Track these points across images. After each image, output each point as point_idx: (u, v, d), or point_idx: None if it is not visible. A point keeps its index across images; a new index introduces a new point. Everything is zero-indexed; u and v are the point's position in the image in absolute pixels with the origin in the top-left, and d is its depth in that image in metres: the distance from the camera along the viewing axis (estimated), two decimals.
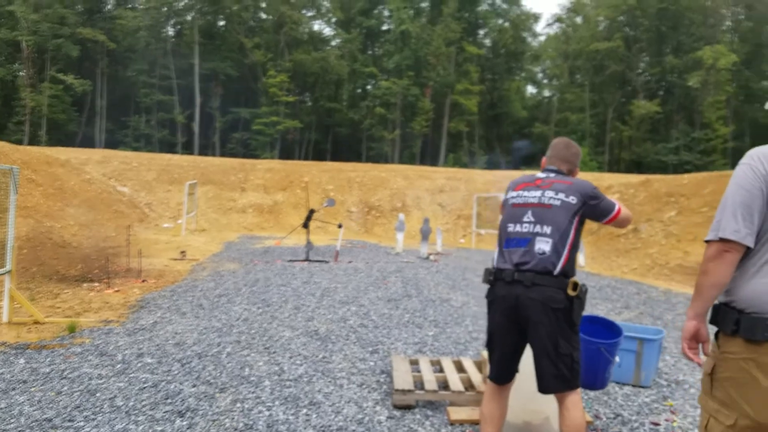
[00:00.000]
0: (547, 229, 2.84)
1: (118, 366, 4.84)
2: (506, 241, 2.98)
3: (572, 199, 2.88)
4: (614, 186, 21.08)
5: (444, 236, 18.36)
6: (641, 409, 4.32)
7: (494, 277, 2.96)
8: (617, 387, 4.74)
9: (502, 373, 3.03)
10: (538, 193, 2.96)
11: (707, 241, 2.07)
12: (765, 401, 1.96)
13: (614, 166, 47.15)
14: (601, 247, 16.74)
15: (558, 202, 2.88)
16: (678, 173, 27.07)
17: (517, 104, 56.11)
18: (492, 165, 46.82)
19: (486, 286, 3.10)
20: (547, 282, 2.78)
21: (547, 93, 62.87)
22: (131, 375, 4.62)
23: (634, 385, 4.79)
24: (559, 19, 60.09)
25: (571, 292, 2.78)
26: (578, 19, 57.93)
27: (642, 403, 4.44)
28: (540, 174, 3.11)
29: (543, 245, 2.83)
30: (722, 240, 1.99)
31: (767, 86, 48.11)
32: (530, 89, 65.38)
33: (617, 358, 4.12)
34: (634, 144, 47.10)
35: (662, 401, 4.52)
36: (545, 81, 63.75)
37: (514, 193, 3.08)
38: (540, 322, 2.78)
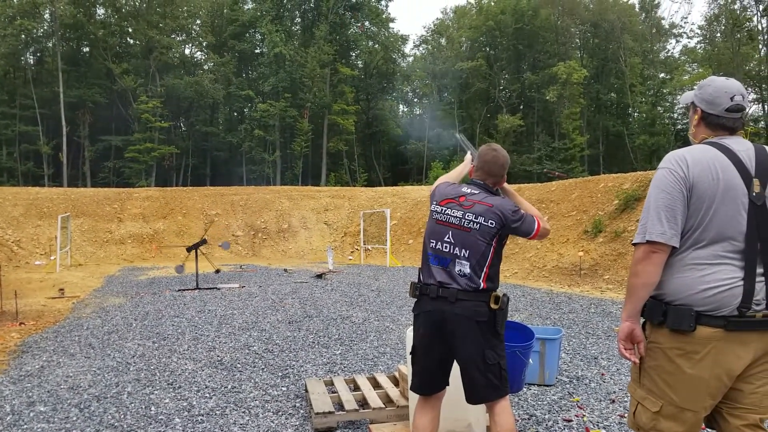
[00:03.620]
0: (465, 253, 2.91)
1: (8, 418, 4.43)
2: (429, 256, 3.03)
3: (491, 223, 2.94)
4: None
5: (333, 254, 18.43)
6: (551, 407, 4.55)
7: (420, 292, 3.00)
8: (525, 387, 4.96)
9: (425, 384, 3.05)
10: (459, 214, 2.99)
11: (635, 244, 2.18)
12: (689, 388, 2.11)
13: None
14: None
15: (477, 226, 2.93)
16: (542, 182, 28.84)
17: (392, 122, 57.54)
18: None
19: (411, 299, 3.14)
20: (471, 297, 2.87)
21: (418, 111, 65.04)
22: (24, 426, 4.25)
23: (539, 385, 5.05)
24: (425, 41, 62.59)
25: (493, 306, 2.89)
26: (443, 41, 60.56)
27: (551, 401, 4.68)
28: (464, 189, 3.11)
29: (462, 267, 2.91)
30: (649, 242, 2.11)
31: (614, 98, 52.77)
32: (402, 108, 67.45)
33: (531, 360, 4.34)
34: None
35: (569, 397, 4.78)
36: (416, 100, 66.03)
37: (439, 208, 3.08)
38: (466, 336, 2.86)
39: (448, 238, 2.97)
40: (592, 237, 14.98)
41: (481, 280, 2.90)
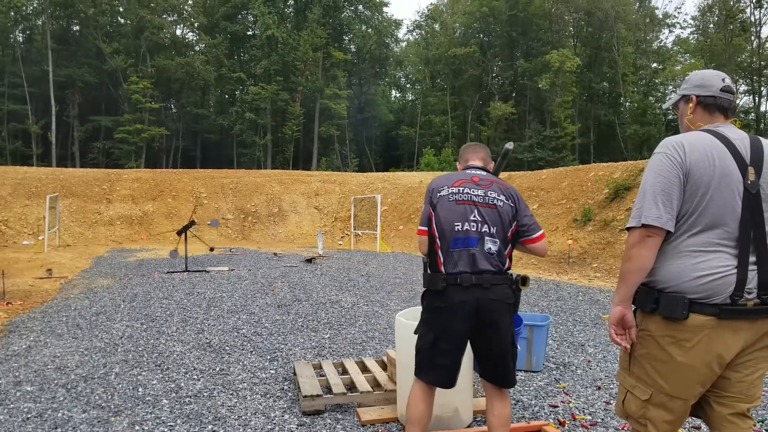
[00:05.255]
0: (493, 230, 2.85)
1: None
2: (453, 241, 2.87)
3: (511, 203, 2.93)
4: None
5: (323, 238, 18.43)
6: (538, 392, 4.58)
7: (447, 283, 2.84)
8: None
9: (453, 377, 2.96)
10: (480, 192, 2.92)
11: (629, 228, 2.16)
12: (680, 376, 2.11)
13: None
14: None
15: (501, 204, 2.90)
16: (532, 169, 28.91)
17: (384, 108, 57.42)
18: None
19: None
20: (501, 280, 2.83)
21: (411, 96, 64.89)
22: (11, 406, 4.23)
23: (526, 371, 5.08)
24: (418, 26, 62.35)
25: (521, 287, 2.89)
26: (436, 26, 60.35)
27: (537, 387, 4.71)
28: (471, 171, 3.09)
29: (491, 245, 2.84)
30: (645, 226, 2.09)
31: (606, 87, 52.82)
32: (395, 93, 67.25)
33: (518, 346, 4.36)
34: (493, 143, 49.59)
35: (555, 384, 4.81)
36: (408, 85, 65.84)
37: (454, 189, 2.96)
38: (501, 321, 2.83)
39: (475, 216, 2.88)
40: (581, 225, 15.05)
41: (506, 260, 2.89)
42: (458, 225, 2.88)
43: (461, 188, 2.96)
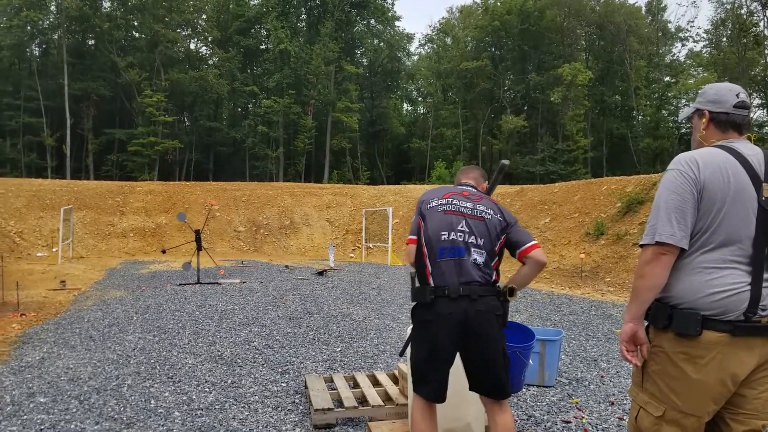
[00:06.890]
0: (480, 241, 2.86)
1: (8, 408, 4.44)
2: (440, 250, 2.88)
3: (500, 217, 2.95)
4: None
5: (334, 251, 18.46)
6: (550, 408, 4.54)
7: (435, 295, 2.83)
8: (525, 388, 4.95)
9: (444, 391, 2.94)
10: (469, 204, 2.97)
11: (642, 245, 2.14)
12: (693, 393, 2.08)
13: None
14: None
15: (489, 216, 2.92)
16: (544, 183, 28.81)
17: (396, 121, 57.53)
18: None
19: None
20: (488, 292, 2.82)
21: (422, 110, 65.05)
22: (24, 417, 4.26)
23: (539, 386, 5.04)
24: (430, 40, 62.64)
25: (510, 298, 2.87)
26: (448, 40, 60.57)
27: (550, 402, 4.67)
28: (463, 186, 3.16)
29: (477, 256, 2.84)
30: (659, 243, 2.08)
31: (619, 100, 52.68)
32: (407, 106, 67.43)
33: (530, 361, 4.32)
34: (504, 157, 49.60)
35: (568, 399, 4.77)
36: (420, 99, 66.01)
37: (443, 200, 3.01)
38: (490, 333, 2.82)
39: (462, 226, 2.90)
40: (593, 239, 14.96)
41: (493, 272, 2.88)
42: (445, 234, 2.90)
43: (450, 200, 3.02)
